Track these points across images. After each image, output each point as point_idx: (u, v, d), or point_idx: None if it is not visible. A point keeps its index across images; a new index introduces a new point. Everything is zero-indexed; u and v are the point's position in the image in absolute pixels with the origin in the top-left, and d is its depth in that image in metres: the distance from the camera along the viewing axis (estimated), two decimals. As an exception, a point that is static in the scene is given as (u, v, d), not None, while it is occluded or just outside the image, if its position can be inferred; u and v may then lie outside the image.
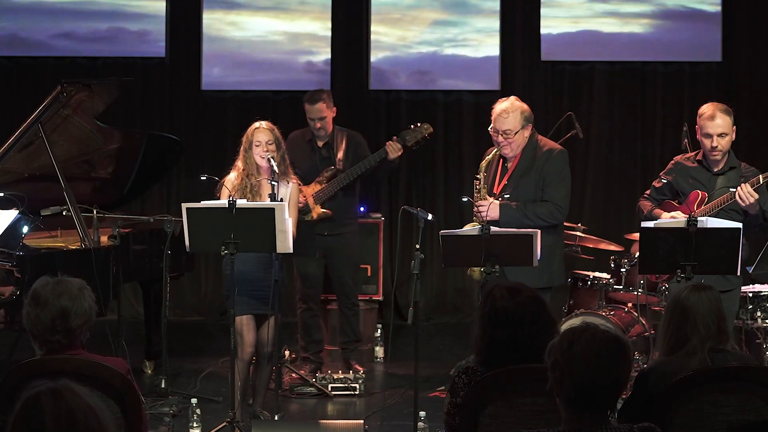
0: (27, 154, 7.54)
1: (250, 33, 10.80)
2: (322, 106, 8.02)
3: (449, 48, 10.75)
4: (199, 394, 7.47)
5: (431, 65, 10.76)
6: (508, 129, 6.83)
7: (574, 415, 3.29)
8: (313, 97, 8.08)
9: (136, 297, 9.68)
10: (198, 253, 8.73)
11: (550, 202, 6.86)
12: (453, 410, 4.20)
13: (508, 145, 6.86)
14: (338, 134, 8.18)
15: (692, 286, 4.48)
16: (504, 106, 6.90)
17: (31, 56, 10.76)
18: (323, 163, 8.12)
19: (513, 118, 6.84)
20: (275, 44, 10.79)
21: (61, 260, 6.98)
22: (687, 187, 6.73)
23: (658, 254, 6.00)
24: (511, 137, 6.84)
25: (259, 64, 10.77)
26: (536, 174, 6.87)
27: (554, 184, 6.89)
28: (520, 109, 6.88)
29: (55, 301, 4.13)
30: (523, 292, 4.19)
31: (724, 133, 6.59)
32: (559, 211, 6.89)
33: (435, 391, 7.78)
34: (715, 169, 6.69)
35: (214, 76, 10.76)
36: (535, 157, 6.90)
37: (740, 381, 4.19)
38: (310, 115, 8.06)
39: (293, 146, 7.99)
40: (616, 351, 3.27)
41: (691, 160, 6.81)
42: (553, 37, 10.67)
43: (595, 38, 10.68)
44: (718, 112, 6.58)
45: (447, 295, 10.81)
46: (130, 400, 4.14)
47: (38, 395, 2.77)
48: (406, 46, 10.79)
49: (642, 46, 10.65)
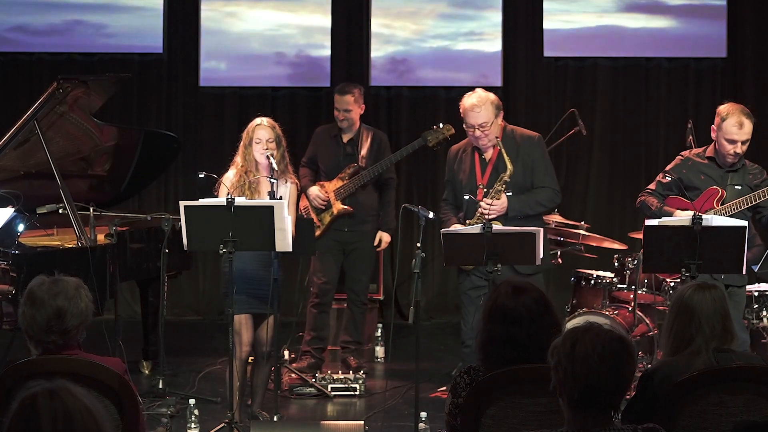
0: (23, 151, 7.53)
1: (249, 26, 10.73)
2: (350, 98, 8.15)
3: (451, 44, 10.70)
4: (197, 394, 7.44)
5: (433, 61, 10.72)
6: (483, 122, 6.88)
7: (577, 415, 3.27)
8: (344, 88, 8.24)
9: (134, 296, 9.67)
10: (196, 251, 8.73)
11: (547, 187, 6.95)
12: (454, 411, 4.19)
13: (485, 136, 6.90)
14: (364, 132, 8.28)
15: (696, 285, 4.45)
16: (473, 100, 6.93)
17: (27, 52, 10.72)
18: (346, 159, 8.21)
19: (485, 110, 6.88)
20: (274, 38, 10.73)
21: (57, 259, 6.98)
22: (699, 183, 6.72)
23: (663, 253, 6.00)
24: (487, 128, 6.87)
25: (258, 60, 10.72)
26: (522, 162, 6.91)
27: (543, 169, 6.99)
28: (489, 100, 6.92)
29: (51, 301, 4.11)
30: (528, 291, 4.17)
31: (749, 139, 6.63)
32: (557, 194, 7.03)
33: (436, 391, 7.75)
34: (727, 166, 6.70)
35: (212, 72, 10.69)
36: (516, 144, 6.95)
37: (746, 381, 4.17)
38: (338, 105, 8.18)
39: (318, 140, 8.17)
40: (619, 351, 3.25)
41: (701, 156, 6.80)
42: (555, 32, 10.63)
43: (599, 33, 10.63)
44: (744, 119, 6.61)
45: (448, 294, 10.79)
46: (128, 401, 4.12)
47: (34, 396, 2.75)
48: (408, 42, 10.75)
49: (646, 42, 10.60)
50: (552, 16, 10.60)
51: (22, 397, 2.76)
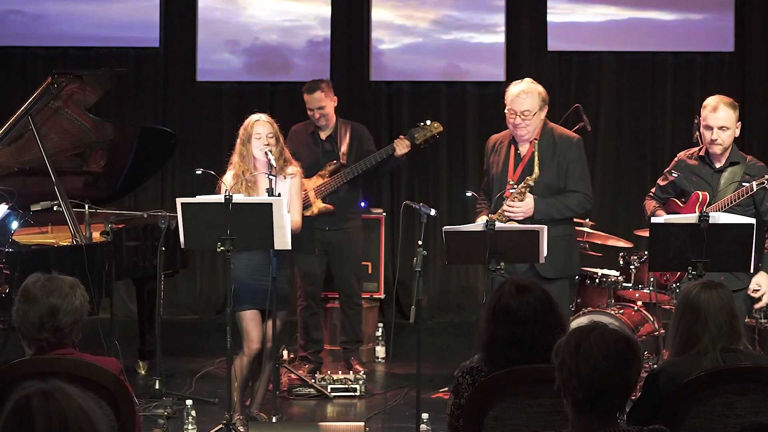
0: (16, 147, 7.51)
1: (246, 17, 10.64)
2: (320, 95, 7.98)
3: (453, 37, 10.63)
4: (195, 395, 7.44)
5: (435, 55, 10.66)
6: (526, 109, 6.75)
7: (581, 417, 3.26)
8: (311, 86, 8.05)
9: (130, 295, 9.67)
10: (193, 249, 8.68)
11: (579, 192, 6.82)
12: (456, 412, 4.18)
13: (525, 126, 6.77)
14: (342, 126, 8.14)
15: (703, 283, 4.42)
16: (522, 87, 6.83)
17: (21, 46, 10.68)
18: (326, 156, 8.08)
19: (531, 98, 6.76)
20: (272, 31, 10.65)
21: (51, 257, 6.94)
22: (690, 185, 6.67)
23: (669, 251, 5.95)
24: (529, 118, 6.75)
25: (256, 54, 10.65)
26: (557, 162, 6.79)
27: (578, 173, 6.84)
28: (537, 91, 6.82)
29: (45, 299, 4.12)
30: (532, 290, 4.14)
31: (726, 126, 6.52)
32: (587, 200, 6.87)
33: (438, 392, 7.72)
34: (717, 165, 6.62)
35: (209, 66, 10.63)
36: (554, 144, 6.83)
37: (754, 382, 4.13)
38: (309, 105, 8.02)
39: (295, 139, 8.00)
40: (625, 351, 3.24)
41: (693, 157, 6.75)
42: (559, 26, 10.57)
43: (604, 27, 10.58)
44: (721, 105, 6.53)
45: (450, 293, 10.74)
46: (123, 402, 4.12)
47: (29, 396, 2.76)
48: (409, 35, 10.68)
49: (652, 36, 10.56)
50: (556, 10, 10.54)
51: (16, 397, 2.76)
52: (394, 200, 10.50)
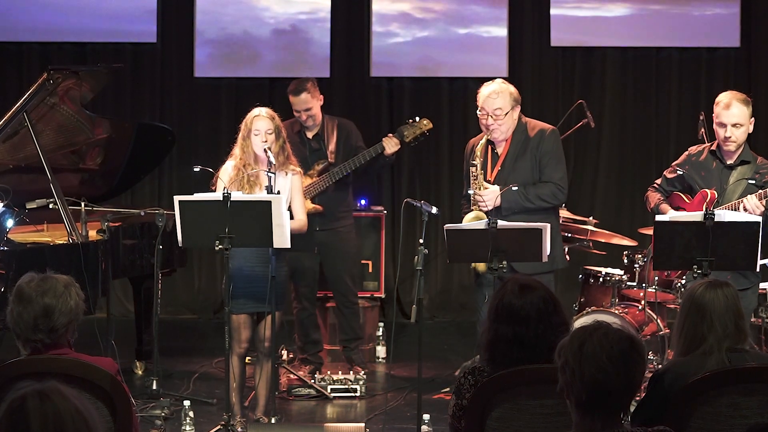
0: (11, 144, 7.47)
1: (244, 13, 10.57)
2: (307, 96, 7.90)
3: (455, 33, 10.59)
4: (192, 395, 7.45)
5: (436, 51, 10.62)
6: (498, 108, 6.86)
7: (585, 418, 3.26)
8: (296, 88, 7.95)
9: (126, 294, 9.67)
10: (191, 248, 8.66)
11: (551, 182, 6.88)
12: (458, 413, 4.19)
13: (498, 127, 6.87)
14: (328, 124, 8.07)
15: (708, 282, 4.42)
16: (493, 87, 6.92)
17: (16, 41, 10.66)
18: (314, 155, 8.02)
19: (502, 98, 6.86)
20: (270, 27, 10.60)
21: (47, 256, 6.92)
22: (699, 181, 6.65)
23: (674, 249, 5.95)
24: (501, 118, 6.85)
25: (255, 49, 10.60)
26: (531, 155, 6.90)
27: (552, 164, 6.90)
28: (509, 90, 6.90)
29: (39, 299, 4.11)
30: (535, 290, 4.15)
31: (740, 123, 6.52)
32: (560, 191, 6.92)
33: (439, 392, 7.70)
34: (728, 162, 6.61)
35: (207, 61, 10.59)
36: (527, 138, 6.93)
37: (760, 382, 4.13)
38: (296, 107, 7.95)
39: None
40: (629, 351, 3.23)
41: (704, 152, 6.73)
42: (563, 21, 10.53)
43: (608, 22, 10.55)
44: (734, 101, 6.52)
45: (452, 292, 10.72)
46: (120, 402, 4.11)
47: (24, 397, 2.76)
48: (410, 31, 10.64)
49: (657, 31, 10.52)
50: (559, 5, 10.51)
51: (11, 398, 2.77)
52: (394, 198, 10.49)
